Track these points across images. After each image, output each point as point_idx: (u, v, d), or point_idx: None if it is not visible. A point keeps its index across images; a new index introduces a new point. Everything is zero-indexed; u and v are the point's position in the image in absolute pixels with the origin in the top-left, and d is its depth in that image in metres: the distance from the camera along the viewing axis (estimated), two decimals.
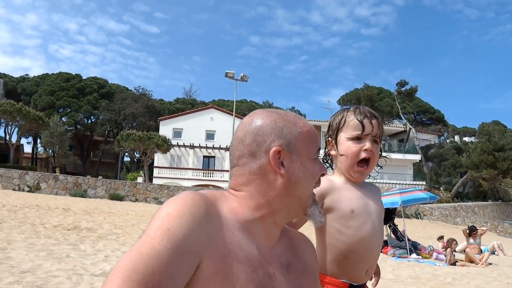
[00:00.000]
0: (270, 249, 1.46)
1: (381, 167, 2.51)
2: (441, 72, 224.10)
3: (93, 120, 72.75)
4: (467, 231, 17.37)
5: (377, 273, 2.64)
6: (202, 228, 1.24)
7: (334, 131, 2.38)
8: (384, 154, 2.56)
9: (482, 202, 54.77)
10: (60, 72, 74.94)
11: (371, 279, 2.57)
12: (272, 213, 1.44)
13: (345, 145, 2.33)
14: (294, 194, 1.44)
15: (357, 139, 2.31)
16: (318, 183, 1.53)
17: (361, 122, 2.30)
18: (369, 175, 2.44)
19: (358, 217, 2.29)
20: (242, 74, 40.51)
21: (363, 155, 2.30)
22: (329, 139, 2.43)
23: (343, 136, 2.34)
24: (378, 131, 2.34)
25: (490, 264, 14.01)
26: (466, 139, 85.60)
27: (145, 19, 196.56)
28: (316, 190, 1.55)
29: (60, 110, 69.24)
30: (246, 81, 40.96)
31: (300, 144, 1.46)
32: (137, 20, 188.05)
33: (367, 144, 2.31)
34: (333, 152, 2.41)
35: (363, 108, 2.39)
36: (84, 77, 74.52)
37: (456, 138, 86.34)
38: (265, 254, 1.42)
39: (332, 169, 2.48)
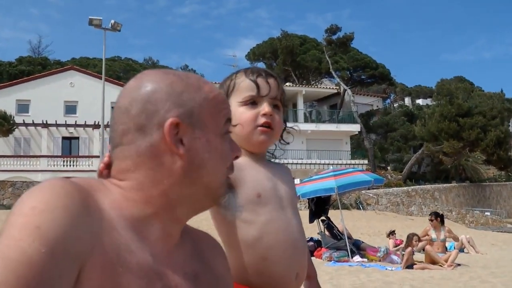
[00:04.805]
0: (169, 255, 1.46)
1: (287, 143, 2.67)
2: (389, 13, 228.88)
3: None
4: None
5: (311, 276, 2.67)
6: (81, 224, 1.23)
7: None
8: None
9: (444, 185, 56.51)
10: None
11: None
12: (169, 207, 1.44)
13: (238, 112, 2.44)
14: (199, 182, 1.46)
15: (252, 103, 2.45)
16: (230, 168, 1.55)
17: (255, 81, 2.45)
18: (275, 156, 2.71)
19: (268, 203, 2.38)
20: (113, 21, 40.16)
21: (262, 120, 2.43)
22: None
23: (234, 102, 2.46)
24: (277, 92, 2.48)
25: (459, 265, 14.26)
26: (420, 101, 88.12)
27: None
28: None
29: None
30: (119, 30, 40.66)
31: (205, 115, 1.48)
32: None
33: (265, 107, 2.43)
34: None
35: (256, 68, 2.57)
36: None
37: (407, 100, 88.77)
38: (163, 261, 1.42)
39: None
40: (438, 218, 17.54)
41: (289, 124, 2.67)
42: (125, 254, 1.31)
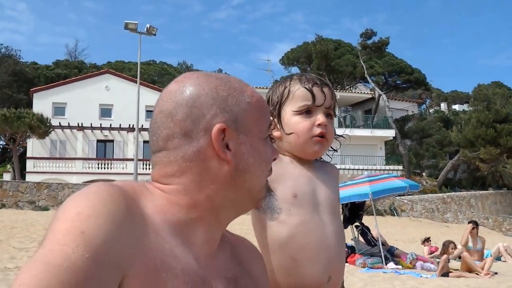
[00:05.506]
0: (211, 260, 1.47)
1: (335, 150, 2.65)
2: (425, 17, 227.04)
3: None
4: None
5: None
6: (126, 231, 1.23)
7: (275, 105, 2.48)
8: (341, 132, 2.70)
9: (481, 192, 56.04)
10: None
11: None
12: (214, 211, 1.46)
13: (293, 121, 2.43)
14: (243, 186, 1.48)
15: (307, 112, 2.43)
16: (270, 171, 1.57)
17: (310, 91, 2.42)
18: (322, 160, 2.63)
19: (302, 206, 2.37)
20: (148, 26, 40.25)
21: (317, 130, 2.41)
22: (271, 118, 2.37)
23: (288, 111, 2.45)
24: (331, 102, 2.47)
25: (496, 273, 14.07)
26: (456, 107, 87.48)
27: None
28: None
29: None
30: (154, 34, 40.76)
31: (249, 119, 1.49)
32: None
33: (320, 118, 2.42)
34: (276, 133, 2.48)
35: (310, 75, 2.53)
36: None
37: (443, 106, 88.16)
38: (207, 266, 1.43)
39: None
40: (478, 227, 17.39)
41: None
42: (170, 259, 1.29)
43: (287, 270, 2.31)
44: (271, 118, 2.36)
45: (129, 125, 55.11)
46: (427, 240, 20.92)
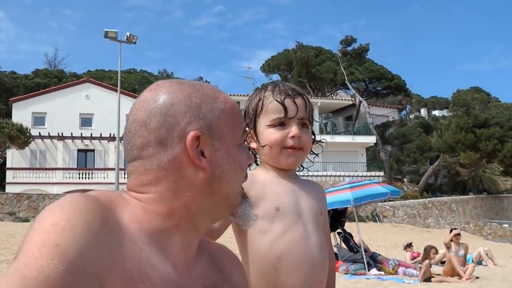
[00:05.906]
0: (189, 267, 1.47)
1: (316, 154, 2.68)
2: (406, 23, 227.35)
3: None
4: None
5: None
6: (101, 242, 1.22)
7: (251, 118, 2.52)
8: (321, 138, 2.72)
9: (461, 196, 56.14)
10: None
11: None
12: (190, 218, 1.46)
13: (267, 133, 2.46)
14: (219, 192, 1.48)
15: (281, 124, 2.45)
16: (245, 177, 1.58)
17: (282, 103, 2.44)
18: (303, 167, 2.64)
19: (285, 217, 2.38)
20: (128, 34, 40.12)
21: (289, 143, 2.43)
22: (247, 129, 2.53)
23: (262, 124, 2.48)
24: (305, 112, 2.48)
25: (477, 278, 14.13)
26: (436, 113, 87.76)
27: None
28: None
29: None
30: (135, 42, 40.69)
31: (223, 126, 1.50)
32: None
33: (294, 130, 2.43)
34: (253, 145, 2.53)
35: (283, 86, 2.54)
36: None
37: (423, 112, 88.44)
38: (184, 274, 1.43)
39: (257, 164, 2.62)
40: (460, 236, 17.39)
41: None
42: (147, 268, 1.30)
43: (268, 279, 2.33)
44: (248, 130, 2.50)
45: (110, 134, 54.73)
46: (409, 245, 20.98)
